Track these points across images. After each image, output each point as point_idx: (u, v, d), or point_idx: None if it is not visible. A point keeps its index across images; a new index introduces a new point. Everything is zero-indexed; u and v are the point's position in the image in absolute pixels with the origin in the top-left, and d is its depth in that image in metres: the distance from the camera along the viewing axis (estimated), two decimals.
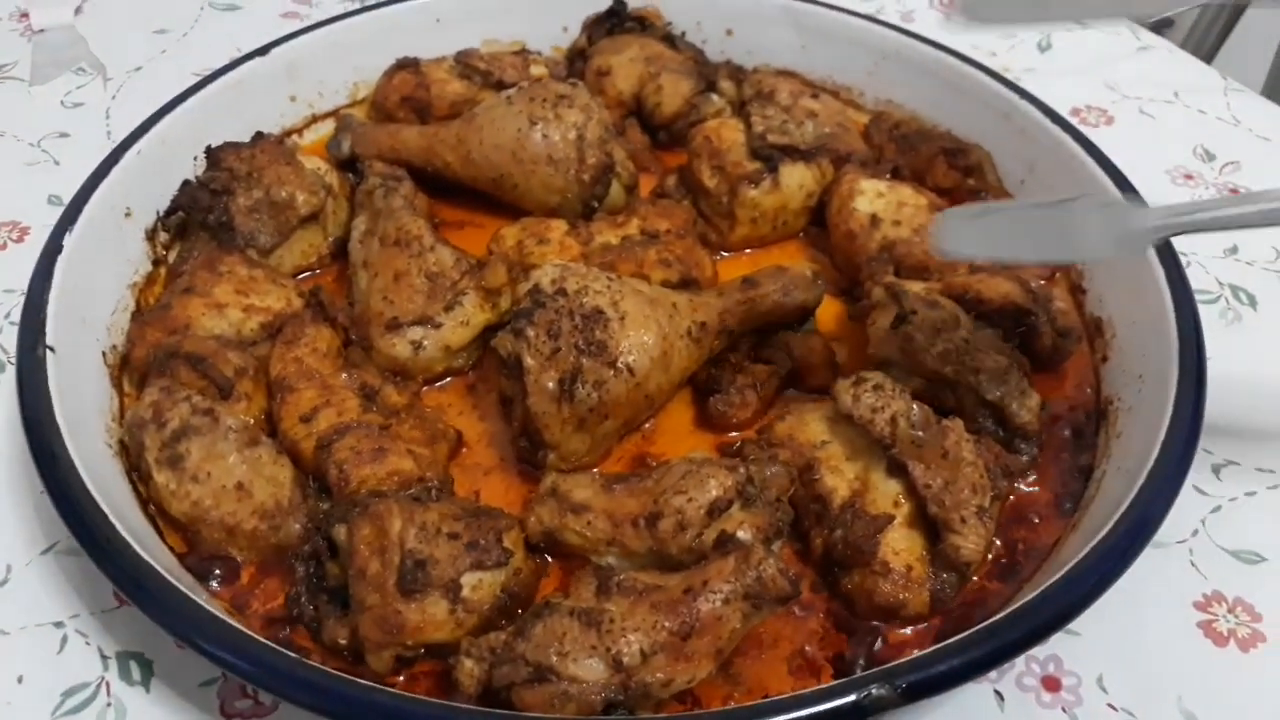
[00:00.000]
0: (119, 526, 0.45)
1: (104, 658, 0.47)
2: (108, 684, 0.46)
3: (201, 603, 0.42)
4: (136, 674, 0.47)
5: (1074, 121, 0.70)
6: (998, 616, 0.43)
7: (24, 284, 0.61)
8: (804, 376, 0.58)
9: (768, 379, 0.57)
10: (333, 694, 0.40)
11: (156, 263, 0.63)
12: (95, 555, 0.44)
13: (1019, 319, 0.57)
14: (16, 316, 0.62)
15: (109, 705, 0.46)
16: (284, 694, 0.40)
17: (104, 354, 0.56)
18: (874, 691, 0.39)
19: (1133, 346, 0.57)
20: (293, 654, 0.42)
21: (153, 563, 0.43)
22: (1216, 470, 0.56)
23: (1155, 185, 0.73)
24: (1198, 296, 0.63)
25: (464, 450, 0.56)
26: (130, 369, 0.57)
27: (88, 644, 0.48)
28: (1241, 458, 0.57)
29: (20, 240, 0.69)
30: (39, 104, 0.81)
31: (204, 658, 0.41)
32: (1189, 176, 0.75)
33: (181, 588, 0.43)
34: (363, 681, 0.41)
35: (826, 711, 0.39)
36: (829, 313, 0.63)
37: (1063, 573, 0.44)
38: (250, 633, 0.42)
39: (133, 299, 0.61)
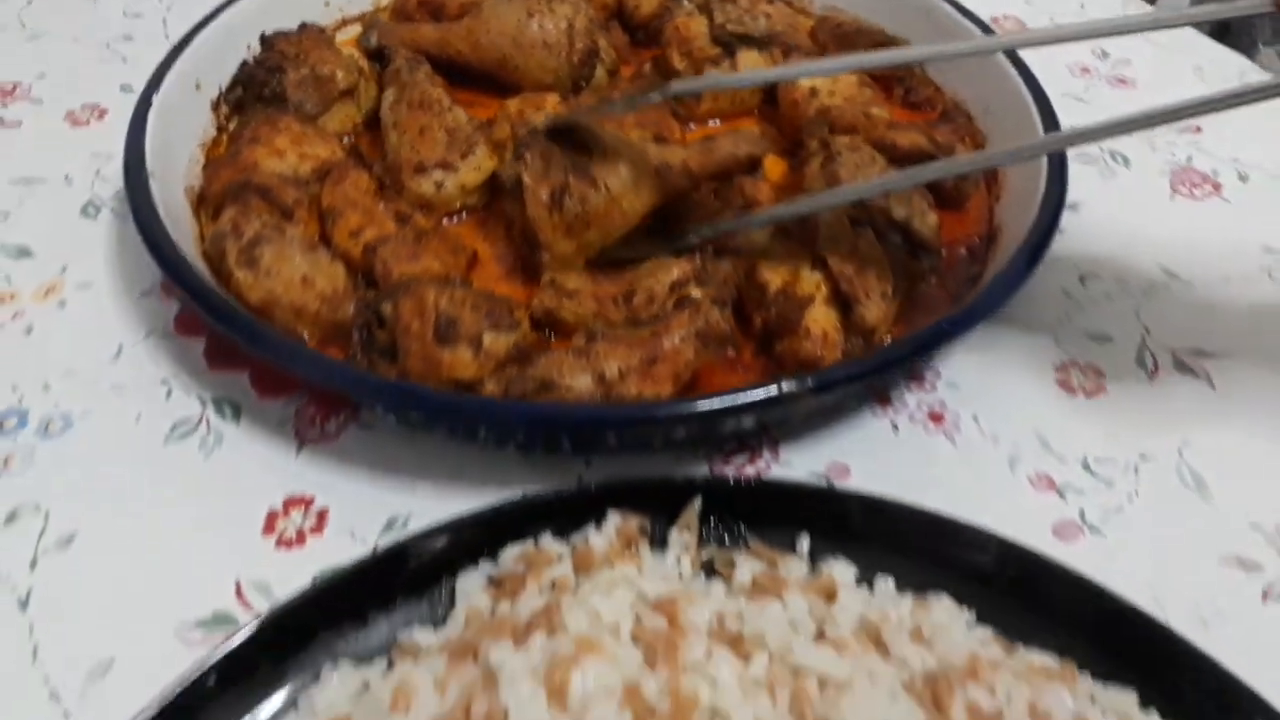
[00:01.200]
0: (219, 290, 0.58)
1: (202, 403, 0.61)
2: (207, 420, 0.60)
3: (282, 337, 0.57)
4: (229, 413, 0.60)
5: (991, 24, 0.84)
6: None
7: (108, 149, 0.76)
8: (753, 209, 0.72)
9: (722, 207, 0.71)
10: (399, 392, 0.54)
11: (219, 130, 0.76)
12: (202, 303, 0.57)
13: (924, 161, 0.71)
14: (107, 173, 0.76)
15: (209, 433, 0.59)
16: (364, 397, 0.54)
17: (185, 190, 0.70)
18: (784, 386, 0.53)
19: (1018, 187, 0.71)
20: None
21: (245, 311, 0.57)
22: (1083, 280, 0.70)
23: (1055, 76, 0.87)
24: (1081, 159, 0.78)
25: (478, 265, 0.69)
26: (206, 202, 0.70)
27: (188, 394, 0.61)
28: (1102, 272, 0.71)
29: (101, 118, 0.82)
30: (102, 14, 0.94)
31: (294, 374, 0.55)
32: (1085, 70, 0.90)
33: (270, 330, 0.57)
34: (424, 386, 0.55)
35: (756, 402, 0.53)
36: (777, 170, 0.76)
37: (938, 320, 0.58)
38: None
39: (202, 155, 0.74)
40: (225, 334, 0.57)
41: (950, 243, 0.70)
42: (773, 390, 0.53)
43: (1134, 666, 0.46)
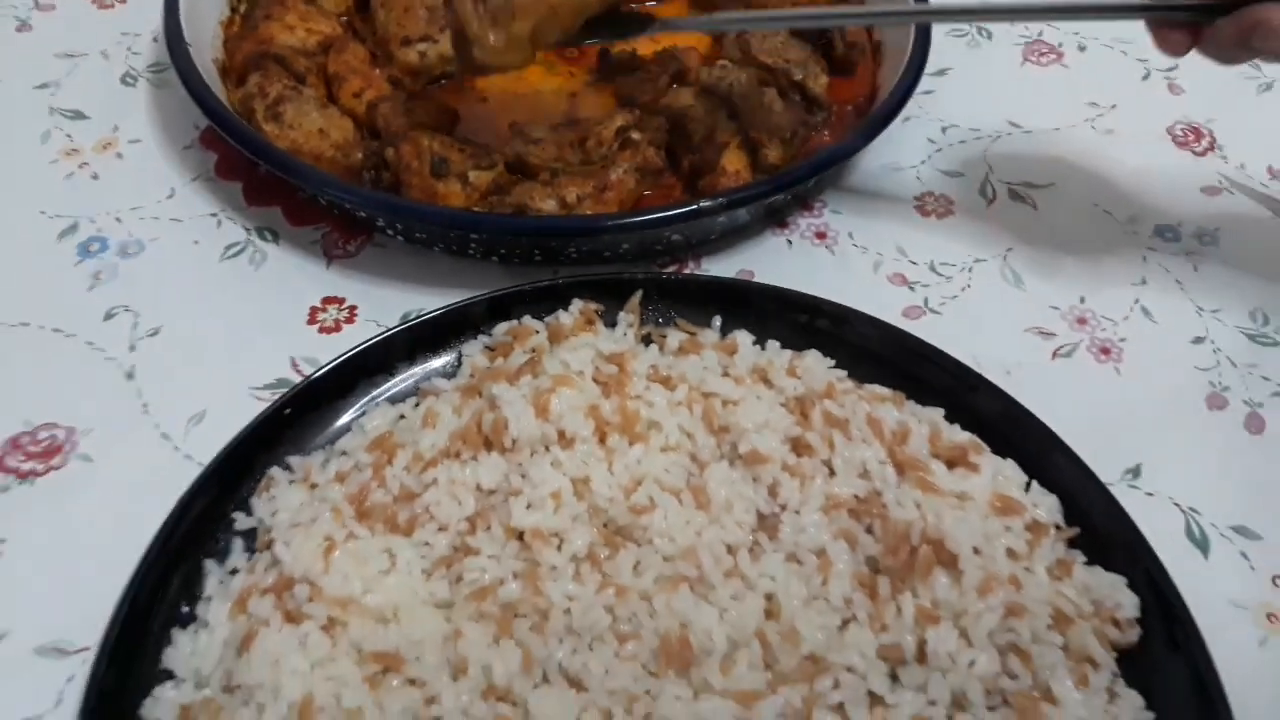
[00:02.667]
0: (254, 134, 0.74)
1: (246, 230, 0.77)
2: (252, 243, 0.76)
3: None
4: (269, 238, 0.76)
5: None
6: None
7: (134, 27, 0.90)
8: (684, 76, 0.88)
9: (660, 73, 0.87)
10: (411, 211, 0.71)
11: (233, 10, 0.90)
12: (240, 140, 0.73)
13: (819, 34, 0.87)
14: (137, 47, 0.90)
15: (255, 252, 0.76)
16: (385, 217, 0.72)
17: (212, 60, 0.84)
18: (702, 203, 0.70)
19: (893, 57, 0.88)
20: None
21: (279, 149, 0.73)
22: (944, 130, 0.87)
23: None
24: (951, 30, 0.95)
25: (459, 124, 0.85)
26: (230, 71, 0.84)
27: (234, 224, 0.77)
28: (960, 123, 0.88)
29: (123, 1, 0.95)
30: None
31: (330, 200, 0.72)
32: None
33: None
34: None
35: (681, 214, 0.70)
36: (704, 42, 0.92)
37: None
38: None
39: (221, 31, 0.88)
40: (273, 171, 0.72)
41: (840, 101, 0.87)
42: (693, 206, 0.70)
43: (949, 398, 0.65)
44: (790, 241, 0.79)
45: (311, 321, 0.72)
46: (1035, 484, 0.61)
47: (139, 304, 0.72)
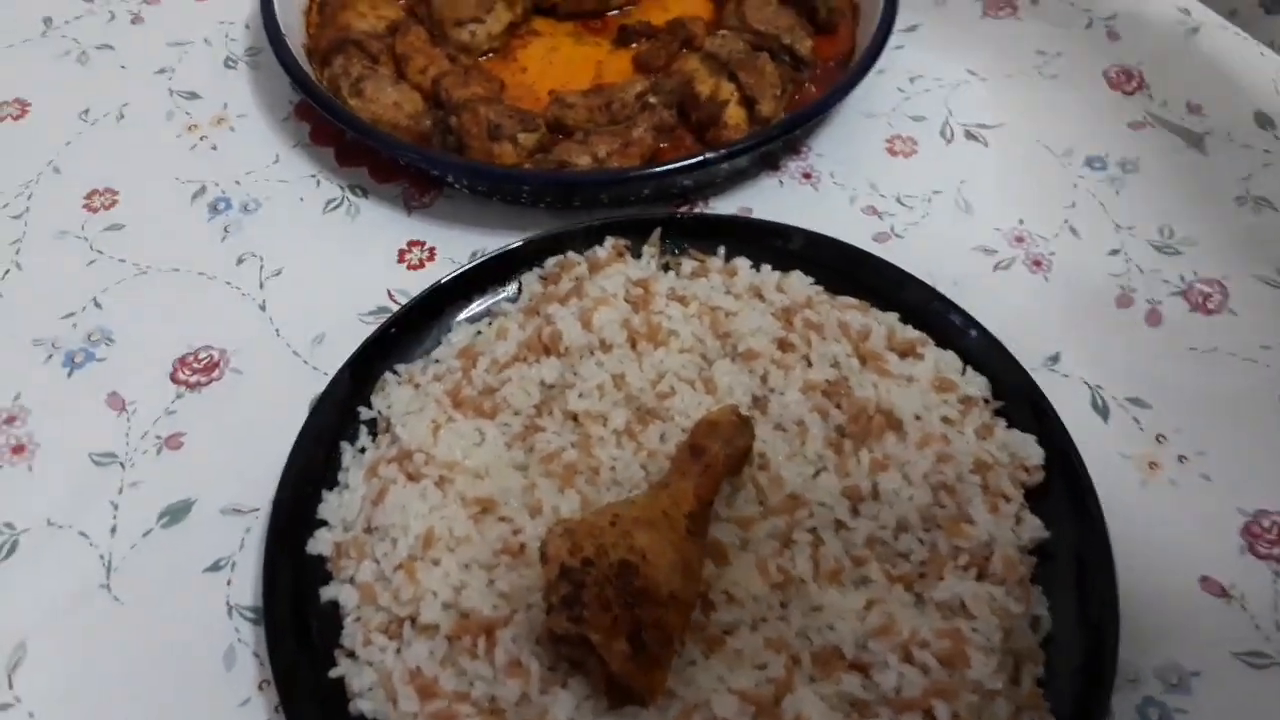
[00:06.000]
0: (342, 108, 0.92)
1: (340, 188, 0.95)
2: (347, 198, 0.94)
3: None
4: (360, 193, 0.94)
5: None
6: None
7: (229, 17, 1.07)
8: (692, 43, 1.04)
9: (670, 41, 1.03)
10: (479, 170, 0.89)
11: (311, 1, 1.07)
12: (332, 113, 0.90)
13: (806, 2, 1.03)
14: (234, 34, 1.07)
15: (350, 206, 0.94)
16: (453, 175, 0.89)
17: (300, 46, 1.01)
18: (708, 155, 0.87)
19: (869, 16, 1.03)
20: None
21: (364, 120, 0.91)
22: (911, 80, 1.03)
23: None
24: None
25: (505, 89, 1.02)
26: (314, 54, 1.01)
27: (331, 183, 0.95)
28: (926, 74, 1.04)
29: None
30: None
31: (406, 163, 0.90)
32: None
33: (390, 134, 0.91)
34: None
35: (691, 165, 0.87)
36: (707, 10, 1.08)
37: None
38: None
39: (304, 19, 1.05)
40: (359, 138, 0.90)
41: (824, 59, 1.03)
42: (701, 158, 0.87)
43: (906, 307, 0.83)
44: (781, 182, 0.96)
45: (400, 261, 0.90)
46: (970, 369, 0.79)
47: (262, 250, 0.90)
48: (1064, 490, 0.73)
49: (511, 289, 0.85)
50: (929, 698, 0.61)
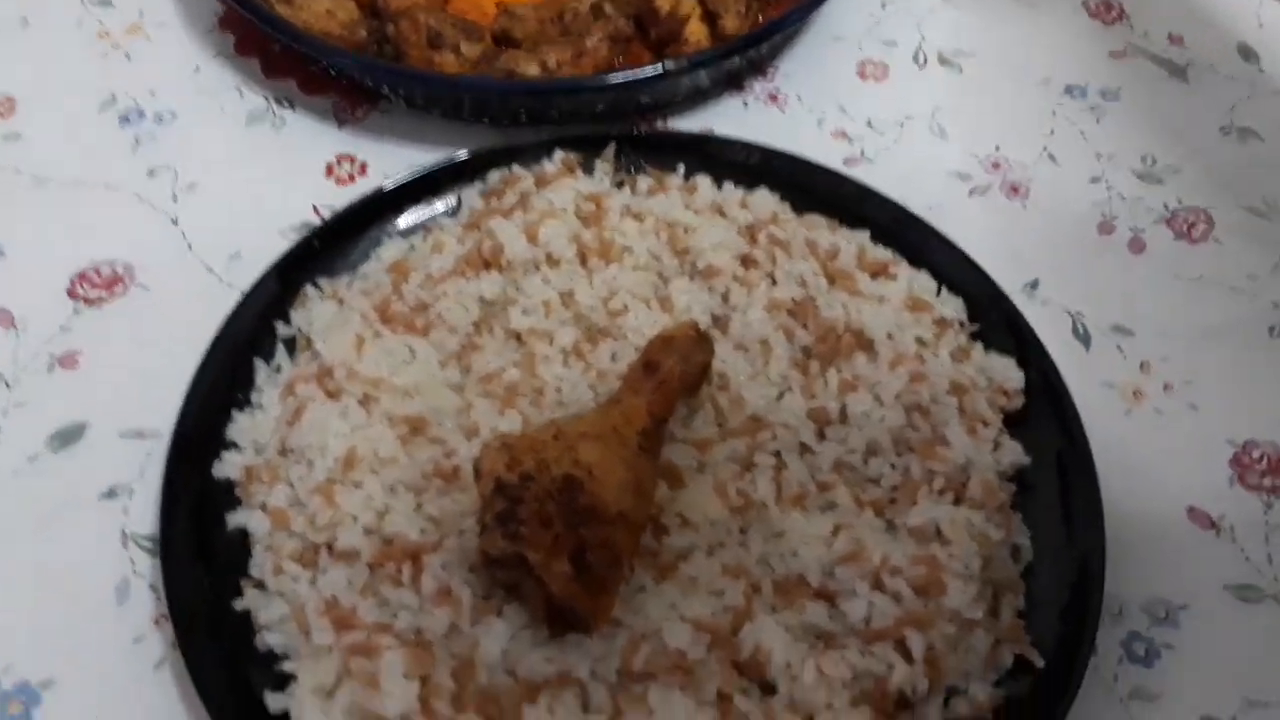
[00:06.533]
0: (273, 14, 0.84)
1: (266, 100, 0.87)
2: (272, 110, 0.86)
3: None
4: (287, 105, 0.87)
5: None
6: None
7: None
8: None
9: None
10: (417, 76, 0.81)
11: None
12: (262, 19, 0.82)
13: None
14: None
15: (275, 118, 0.86)
16: (390, 83, 0.82)
17: None
18: (666, 65, 0.81)
19: None
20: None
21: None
22: (883, 5, 0.98)
23: None
24: None
25: (450, 3, 0.94)
26: None
27: (255, 95, 0.87)
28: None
29: None
30: None
31: (334, 69, 0.82)
32: None
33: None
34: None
35: (648, 78, 0.81)
36: None
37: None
38: None
39: None
40: (289, 45, 0.82)
41: None
42: (658, 67, 0.81)
43: (877, 227, 0.77)
44: (746, 104, 0.90)
45: (329, 175, 0.82)
46: (945, 290, 0.73)
47: (176, 163, 0.82)
48: (1046, 415, 0.67)
49: (449, 204, 0.78)
50: (901, 627, 0.55)
